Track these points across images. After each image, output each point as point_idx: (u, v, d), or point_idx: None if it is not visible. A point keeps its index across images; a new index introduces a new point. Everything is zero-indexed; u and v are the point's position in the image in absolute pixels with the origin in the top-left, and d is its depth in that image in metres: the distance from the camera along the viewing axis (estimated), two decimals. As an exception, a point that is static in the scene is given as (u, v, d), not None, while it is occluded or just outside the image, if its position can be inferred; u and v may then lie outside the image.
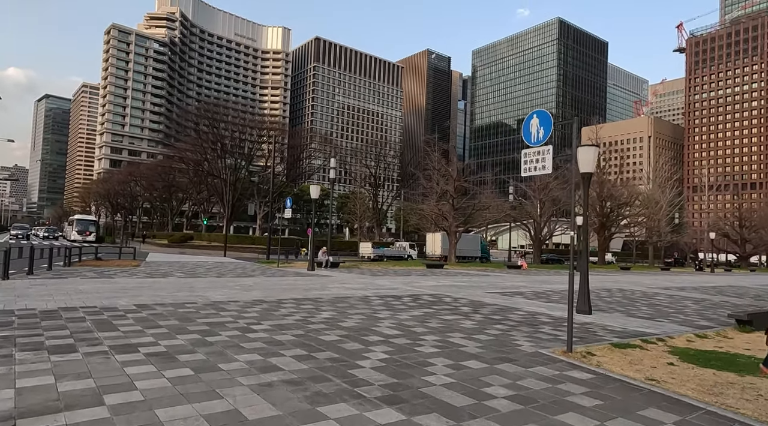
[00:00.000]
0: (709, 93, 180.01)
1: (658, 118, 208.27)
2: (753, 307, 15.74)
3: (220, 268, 22.45)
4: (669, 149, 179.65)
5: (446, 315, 10.57)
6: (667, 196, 58.91)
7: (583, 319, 11.19)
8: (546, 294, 16.63)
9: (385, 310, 10.92)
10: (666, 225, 61.39)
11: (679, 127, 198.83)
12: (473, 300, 13.73)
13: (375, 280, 19.14)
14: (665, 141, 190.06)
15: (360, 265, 31.10)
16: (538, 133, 7.76)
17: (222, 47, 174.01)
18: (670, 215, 67.30)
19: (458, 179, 37.43)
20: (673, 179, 65.63)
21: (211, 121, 73.33)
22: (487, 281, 21.44)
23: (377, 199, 69.68)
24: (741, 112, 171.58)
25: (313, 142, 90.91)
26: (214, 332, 7.47)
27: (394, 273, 24.61)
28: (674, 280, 30.39)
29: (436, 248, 45.64)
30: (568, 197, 50.31)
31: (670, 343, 8.78)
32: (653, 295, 18.62)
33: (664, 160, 73.62)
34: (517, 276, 26.65)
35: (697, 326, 11.01)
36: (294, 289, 14.43)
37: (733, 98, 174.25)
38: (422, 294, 14.67)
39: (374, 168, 72.58)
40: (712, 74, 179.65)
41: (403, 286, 16.90)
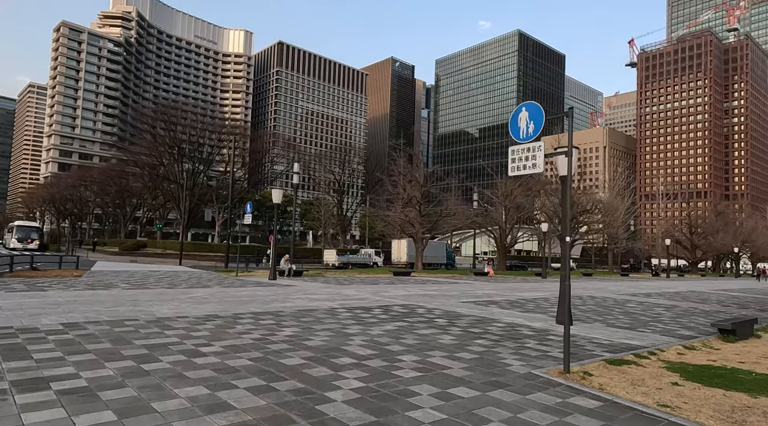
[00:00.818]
0: (659, 106, 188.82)
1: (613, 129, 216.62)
2: (725, 314, 15.65)
3: (172, 278, 20.77)
4: (623, 159, 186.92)
5: (422, 329, 9.65)
6: (624, 203, 60.54)
7: (559, 329, 10.50)
8: (520, 303, 16.03)
9: (354, 324, 9.90)
10: (623, 232, 63.07)
11: (632, 138, 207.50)
12: (447, 310, 12.90)
13: (341, 290, 18.06)
14: (619, 151, 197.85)
15: (325, 274, 29.89)
16: (527, 127, 7.00)
17: (181, 49, 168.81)
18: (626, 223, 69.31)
19: (425, 185, 36.85)
20: (630, 187, 67.65)
21: (168, 124, 70.21)
22: (458, 289, 20.73)
23: (342, 205, 68.45)
24: (688, 125, 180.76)
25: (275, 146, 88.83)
26: (153, 358, 6.25)
27: (360, 281, 23.57)
28: (637, 286, 30.74)
29: (402, 255, 44.87)
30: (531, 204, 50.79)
31: (662, 356, 8.19)
32: (624, 302, 18.39)
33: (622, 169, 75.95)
34: (486, 283, 26.14)
35: (680, 336, 10.56)
36: (253, 301, 13.18)
37: (680, 112, 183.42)
38: (393, 305, 13.72)
39: (339, 174, 71.39)
40: (662, 88, 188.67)
41: (372, 296, 15.90)
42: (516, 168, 7.14)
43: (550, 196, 48.74)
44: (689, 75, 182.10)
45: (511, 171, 7.22)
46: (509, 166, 7.26)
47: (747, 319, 11.16)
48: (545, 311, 13.95)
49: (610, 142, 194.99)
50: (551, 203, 47.54)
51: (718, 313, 15.95)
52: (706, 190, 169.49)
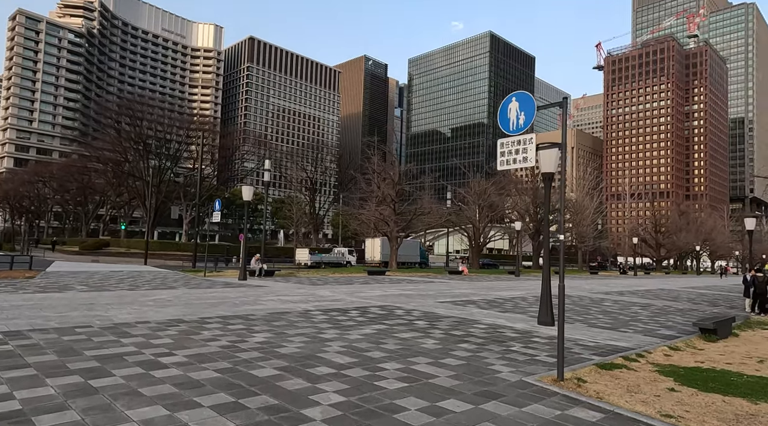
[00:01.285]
0: (624, 108, 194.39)
1: (581, 131, 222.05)
2: (698, 312, 15.76)
3: (135, 279, 19.66)
4: (590, 160, 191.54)
5: (402, 332, 9.15)
6: (594, 203, 61.71)
7: (548, 331, 10.23)
8: (498, 302, 15.75)
9: (331, 328, 9.32)
10: (592, 231, 64.35)
11: (599, 139, 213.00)
12: (426, 311, 12.45)
13: (315, 291, 17.41)
14: (587, 152, 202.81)
15: (297, 273, 29.10)
16: (518, 119, 6.58)
17: (147, 42, 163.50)
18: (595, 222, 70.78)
19: (400, 183, 36.45)
20: (598, 187, 69.06)
21: (134, 119, 67.59)
22: (435, 289, 20.37)
23: (314, 203, 67.43)
24: (652, 127, 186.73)
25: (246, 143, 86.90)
26: (104, 371, 5.53)
27: (335, 281, 22.93)
28: (608, 284, 31.13)
29: (376, 254, 44.38)
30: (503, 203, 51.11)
31: (650, 358, 7.95)
32: (600, 300, 18.38)
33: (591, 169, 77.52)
34: (462, 282, 25.90)
35: (662, 336, 10.41)
36: (222, 304, 12.41)
37: (645, 114, 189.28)
38: (370, 306, 13.19)
39: (312, 172, 70.29)
40: (627, 91, 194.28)
41: (348, 297, 15.33)
42: (506, 162, 6.71)
43: (522, 195, 49.14)
44: (653, 79, 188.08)
45: (501, 165, 6.79)
46: (498, 159, 6.83)
47: (726, 319, 11.13)
48: (524, 311, 13.69)
49: (578, 143, 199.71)
50: (523, 202, 47.93)
51: (692, 312, 16.07)
52: (669, 191, 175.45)
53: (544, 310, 11.16)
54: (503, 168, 6.75)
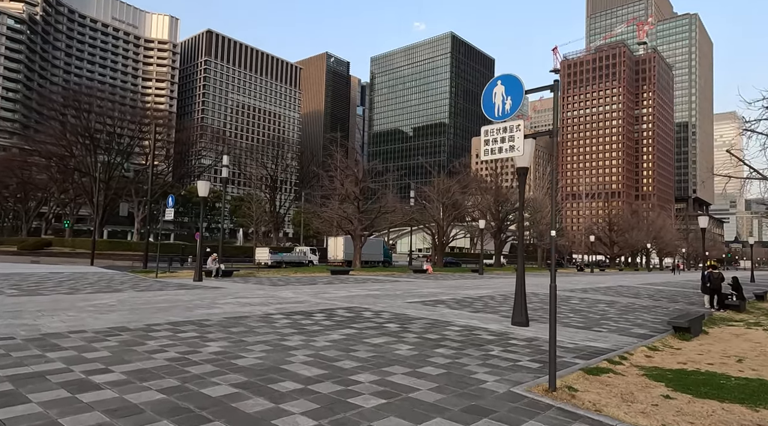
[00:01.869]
0: (579, 111, 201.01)
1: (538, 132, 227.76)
2: (662, 309, 15.88)
3: (77, 281, 18.07)
4: (547, 160, 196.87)
5: (373, 337, 8.46)
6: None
7: (523, 332, 9.81)
8: (467, 302, 15.32)
9: (295, 333, 8.51)
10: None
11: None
12: (396, 313, 11.82)
13: (277, 292, 16.46)
14: (543, 152, 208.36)
15: (257, 273, 27.89)
16: (503, 104, 6.01)
17: (96, 31, 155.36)
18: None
19: (364, 180, 35.73)
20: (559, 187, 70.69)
21: (80, 111, 63.64)
22: (401, 288, 19.79)
23: (275, 201, 65.68)
24: (605, 130, 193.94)
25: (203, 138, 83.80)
26: (18, 397, 4.55)
27: (297, 282, 21.97)
28: (570, 281, 31.56)
29: (339, 253, 43.52)
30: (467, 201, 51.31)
31: (633, 360, 7.62)
32: (567, 298, 18.33)
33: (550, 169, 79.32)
34: (428, 281, 25.48)
35: (637, 335, 10.19)
36: (173, 308, 11.33)
37: (598, 117, 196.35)
38: (336, 308, 12.42)
39: (272, 169, 68.40)
40: (582, 94, 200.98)
41: (312, 299, 14.49)
42: (490, 151, 6.13)
43: (485, 194, 49.45)
44: (605, 83, 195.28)
45: (485, 154, 6.21)
46: (482, 149, 6.24)
47: (697, 317, 11.07)
48: (495, 311, 13.29)
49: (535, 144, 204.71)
50: (486, 201, 48.23)
51: (656, 309, 16.18)
52: (620, 191, 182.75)
53: (519, 310, 10.75)
54: (488, 157, 6.17)
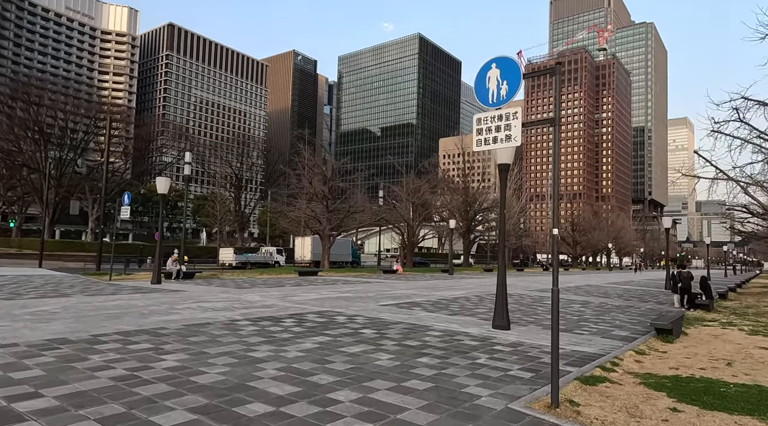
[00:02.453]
0: (543, 115, 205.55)
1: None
2: (635, 309, 15.84)
3: (20, 285, 16.54)
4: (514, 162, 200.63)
5: (350, 345, 7.78)
6: (519, 203, 63.87)
7: (506, 336, 9.34)
8: (443, 304, 14.82)
9: (263, 343, 7.72)
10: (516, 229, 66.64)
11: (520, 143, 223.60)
12: (371, 317, 11.16)
13: (242, 295, 15.50)
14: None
15: (221, 275, 26.64)
16: (498, 89, 5.46)
17: (48, 21, 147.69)
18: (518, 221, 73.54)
19: (333, 179, 34.88)
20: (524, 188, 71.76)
21: (29, 104, 60.00)
22: (373, 290, 19.14)
23: (240, 201, 63.83)
24: (567, 133, 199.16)
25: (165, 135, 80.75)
26: None
27: (263, 284, 20.97)
28: (538, 281, 31.68)
29: (307, 253, 42.45)
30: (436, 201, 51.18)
31: (624, 366, 7.25)
32: (540, 299, 18.13)
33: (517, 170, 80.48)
34: (399, 282, 24.93)
35: (620, 338, 9.90)
36: (125, 315, 10.30)
37: (561, 120, 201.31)
38: (307, 312, 11.65)
39: (237, 167, 66.49)
40: (545, 98, 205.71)
41: (280, 302, 13.65)
42: (483, 141, 5.56)
43: (454, 194, 49.43)
44: (568, 87, 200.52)
45: (477, 145, 5.63)
46: (474, 139, 5.67)
47: (678, 318, 10.91)
48: (473, 313, 12.83)
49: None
50: (455, 201, 48.19)
51: (629, 309, 16.15)
52: (582, 192, 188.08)
53: (500, 312, 10.29)
54: (480, 148, 5.60)
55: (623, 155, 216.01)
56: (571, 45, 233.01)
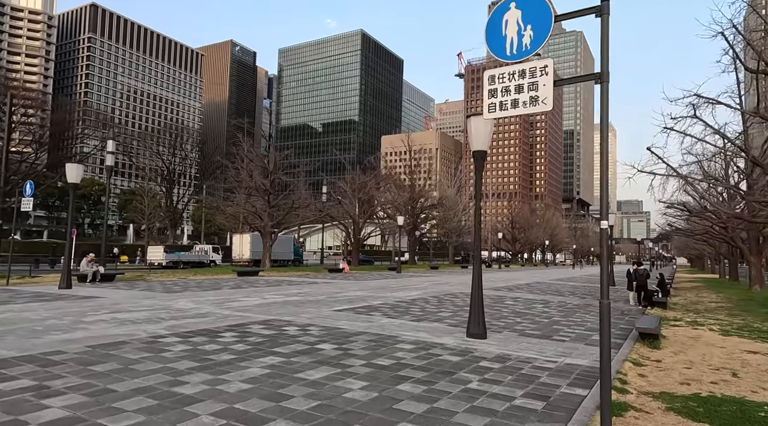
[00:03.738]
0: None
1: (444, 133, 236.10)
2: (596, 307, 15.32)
3: None
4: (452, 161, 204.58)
5: (309, 369, 6.20)
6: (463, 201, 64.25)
7: (486, 347, 8.14)
8: (402, 307, 13.50)
9: (195, 369, 5.97)
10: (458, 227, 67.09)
11: (460, 142, 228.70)
12: (328, 327, 9.58)
13: (171, 301, 13.34)
14: (449, 153, 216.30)
15: (148, 276, 23.83)
16: (520, 36, 4.14)
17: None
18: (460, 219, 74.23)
19: (275, 172, 32.63)
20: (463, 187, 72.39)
21: None
22: (323, 292, 17.48)
23: (172, 195, 59.40)
24: (504, 133, 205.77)
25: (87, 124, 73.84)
26: None
27: (197, 286, 18.68)
28: (489, 278, 31.26)
29: (245, 251, 39.84)
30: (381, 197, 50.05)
31: (633, 384, 6.28)
32: (499, 299, 17.31)
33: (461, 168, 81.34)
34: (348, 282, 23.38)
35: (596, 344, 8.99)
36: (9, 334, 8.05)
37: (498, 121, 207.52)
38: (250, 322, 9.87)
39: (169, 159, 61.80)
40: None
41: (217, 310, 11.71)
42: (499, 105, 4.21)
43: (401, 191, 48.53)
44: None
45: (490, 110, 4.28)
46: (486, 103, 4.31)
47: (658, 320, 10.25)
48: (438, 318, 11.60)
49: (441, 145, 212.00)
50: (401, 198, 47.29)
51: (591, 307, 15.64)
52: (517, 191, 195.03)
53: (476, 319, 9.09)
54: (494, 115, 4.26)
55: (555, 156, 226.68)
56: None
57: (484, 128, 9.13)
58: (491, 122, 9.22)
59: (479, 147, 9.21)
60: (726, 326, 12.10)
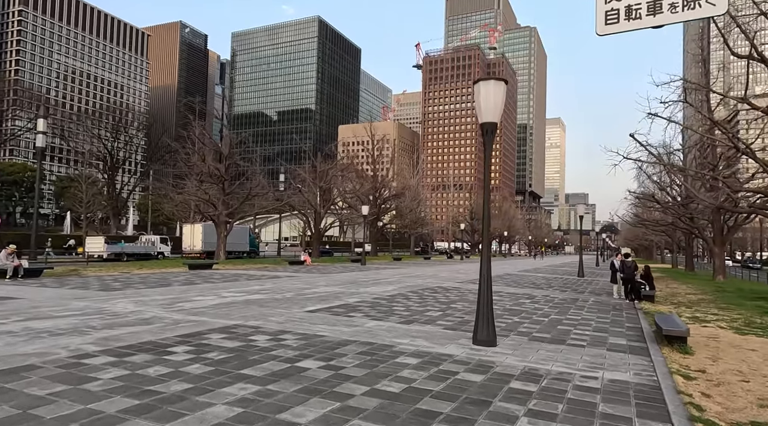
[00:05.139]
0: (440, 106, 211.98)
1: (402, 124, 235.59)
2: (581, 302, 14.38)
3: None
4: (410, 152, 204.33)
5: (296, 404, 4.51)
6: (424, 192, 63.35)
7: (504, 359, 6.74)
8: (384, 305, 11.94)
9: (131, 411, 4.14)
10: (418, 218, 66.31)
11: (417, 133, 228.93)
12: (306, 334, 7.87)
13: (108, 302, 11.16)
14: (407, 144, 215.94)
15: (84, 270, 21.02)
16: None
17: None
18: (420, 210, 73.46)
19: (231, 157, 30.08)
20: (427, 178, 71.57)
21: None
22: (288, 287, 15.62)
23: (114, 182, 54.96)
24: (461, 126, 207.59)
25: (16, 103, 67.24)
26: None
27: (142, 282, 16.35)
28: (455, 270, 30.26)
29: (197, 242, 37.00)
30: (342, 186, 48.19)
31: (707, 409, 4.99)
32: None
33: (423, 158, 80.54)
34: (314, 276, 21.55)
35: (627, 350, 7.84)
36: None
37: (456, 113, 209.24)
38: (207, 330, 7.99)
39: (111, 144, 57.06)
40: (442, 91, 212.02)
41: (165, 313, 9.70)
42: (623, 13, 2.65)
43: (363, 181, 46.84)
44: (462, 82, 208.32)
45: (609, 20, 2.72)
46: (600, 10, 2.74)
47: (680, 320, 9.20)
48: (428, 319, 10.14)
49: (399, 136, 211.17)
50: (364, 187, 45.60)
51: (578, 302, 14.70)
52: (474, 183, 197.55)
53: (485, 324, 7.67)
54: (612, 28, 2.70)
55: (509, 150, 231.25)
56: (465, 41, 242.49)
57: (496, 95, 7.64)
58: (503, 89, 7.75)
59: (489, 118, 7.72)
60: (732, 323, 11.34)
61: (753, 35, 14.63)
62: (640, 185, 31.38)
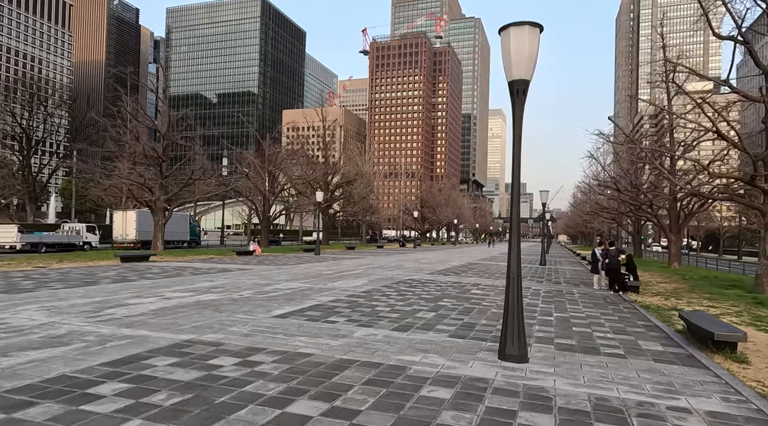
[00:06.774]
0: (386, 94, 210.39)
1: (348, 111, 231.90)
2: (568, 295, 13.33)
3: None
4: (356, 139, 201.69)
5: None
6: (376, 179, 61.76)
7: (546, 381, 5.23)
8: (362, 305, 10.17)
9: None
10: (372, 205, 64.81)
11: (363, 120, 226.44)
12: (285, 353, 5.96)
13: (8, 310, 8.61)
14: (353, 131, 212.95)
15: (-13, 267, 17.60)
16: None
17: None
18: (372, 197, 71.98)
19: (170, 136, 26.81)
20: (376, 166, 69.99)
21: None
22: (245, 284, 13.43)
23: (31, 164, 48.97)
24: (408, 114, 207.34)
25: None
26: None
27: (61, 279, 13.55)
28: (418, 259, 28.95)
29: (130, 231, 33.32)
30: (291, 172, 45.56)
31: None
32: (460, 286, 14.71)
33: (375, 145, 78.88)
34: (269, 269, 19.30)
35: (672, 360, 6.60)
36: None
37: (403, 101, 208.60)
38: (149, 351, 5.87)
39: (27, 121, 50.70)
40: (389, 78, 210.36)
41: (88, 324, 7.40)
42: None
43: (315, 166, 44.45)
44: (409, 69, 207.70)
45: None
46: None
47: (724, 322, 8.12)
48: (426, 324, 8.50)
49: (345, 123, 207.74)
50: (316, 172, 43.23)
51: (567, 295, 13.64)
52: (419, 172, 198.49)
53: (515, 334, 6.10)
54: None
55: (454, 138, 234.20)
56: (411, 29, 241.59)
57: (530, 47, 6.01)
58: (538, 39, 6.15)
59: (522, 74, 6.09)
60: (740, 317, 10.58)
61: (741, 21, 14.03)
62: (587, 177, 31.58)
